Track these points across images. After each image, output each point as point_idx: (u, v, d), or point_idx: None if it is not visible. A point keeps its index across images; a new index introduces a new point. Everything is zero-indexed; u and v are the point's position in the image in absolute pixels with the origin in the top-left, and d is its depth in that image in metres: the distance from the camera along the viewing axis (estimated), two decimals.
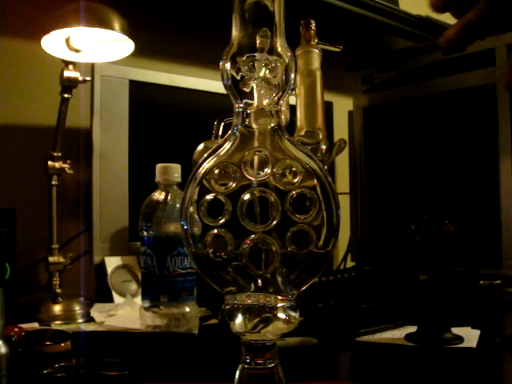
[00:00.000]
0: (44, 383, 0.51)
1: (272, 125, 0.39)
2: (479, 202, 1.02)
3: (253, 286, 0.38)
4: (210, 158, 0.39)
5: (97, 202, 0.97)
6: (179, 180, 0.75)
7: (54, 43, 0.89)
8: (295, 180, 0.38)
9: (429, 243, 0.69)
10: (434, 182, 1.10)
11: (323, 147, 0.74)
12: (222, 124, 0.88)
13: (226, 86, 0.39)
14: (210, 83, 1.10)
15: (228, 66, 0.39)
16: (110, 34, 0.87)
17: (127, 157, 1.01)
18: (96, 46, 0.92)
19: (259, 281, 0.38)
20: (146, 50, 1.11)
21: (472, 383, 0.56)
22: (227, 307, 0.39)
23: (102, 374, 0.52)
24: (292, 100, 0.76)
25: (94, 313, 0.86)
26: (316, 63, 0.76)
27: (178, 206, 0.73)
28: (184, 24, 1.24)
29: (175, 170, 0.75)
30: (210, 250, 0.38)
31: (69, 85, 0.89)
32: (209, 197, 0.38)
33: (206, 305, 0.84)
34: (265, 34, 0.38)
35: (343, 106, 1.34)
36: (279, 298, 0.38)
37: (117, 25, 0.85)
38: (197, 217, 0.38)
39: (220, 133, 0.88)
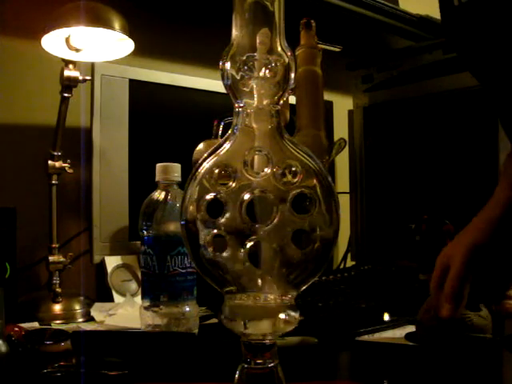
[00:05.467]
0: (44, 383, 0.51)
1: (272, 125, 0.39)
2: (479, 201, 1.02)
3: (253, 285, 0.38)
4: (210, 158, 0.39)
5: (97, 202, 0.97)
6: (179, 179, 0.75)
7: (54, 42, 0.89)
8: (295, 180, 0.38)
9: (429, 243, 0.69)
10: (434, 182, 1.10)
11: (323, 147, 0.74)
12: (222, 124, 0.88)
13: (226, 86, 0.39)
14: (210, 83, 1.10)
15: (228, 65, 0.39)
16: (110, 33, 0.86)
17: (127, 156, 1.01)
18: (96, 46, 0.92)
19: (259, 281, 0.38)
20: (145, 49, 1.11)
21: (472, 383, 0.56)
22: (227, 307, 0.39)
23: (102, 373, 0.52)
24: (292, 100, 0.76)
25: (94, 312, 0.86)
26: (316, 63, 0.76)
27: (178, 205, 0.73)
28: (184, 23, 1.24)
29: (175, 170, 0.75)
30: (210, 250, 0.38)
31: (69, 84, 0.89)
32: (209, 196, 0.38)
33: (206, 304, 0.84)
34: (265, 34, 0.38)
35: (343, 105, 1.34)
36: (279, 297, 0.38)
37: (117, 24, 0.85)
38: (197, 216, 0.38)
39: (220, 133, 0.89)
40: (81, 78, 0.90)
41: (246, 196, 0.37)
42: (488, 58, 0.54)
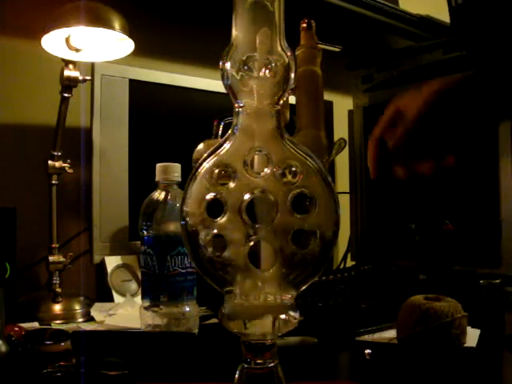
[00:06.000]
0: (44, 383, 0.51)
1: (272, 125, 0.39)
2: (479, 201, 1.02)
3: (253, 285, 0.38)
4: (210, 158, 0.39)
5: (97, 202, 0.97)
6: (179, 179, 0.75)
7: (54, 42, 0.89)
8: (295, 180, 0.38)
9: (429, 243, 0.69)
10: (433, 182, 1.10)
11: (323, 147, 0.74)
12: (222, 124, 0.88)
13: (226, 86, 0.39)
14: (210, 82, 1.10)
15: (228, 65, 0.39)
16: (110, 33, 0.86)
17: (127, 156, 1.01)
18: (96, 46, 0.92)
19: (259, 281, 0.38)
20: (145, 49, 1.11)
21: (472, 383, 0.56)
22: (227, 307, 0.39)
23: (102, 373, 0.52)
24: (292, 100, 0.76)
25: (94, 312, 0.86)
26: (316, 63, 0.76)
27: (178, 205, 0.72)
28: (184, 23, 1.24)
29: (175, 170, 0.75)
30: (210, 250, 0.38)
31: (69, 84, 0.89)
32: (209, 196, 0.38)
33: (206, 304, 0.84)
34: (265, 34, 0.38)
35: (343, 105, 1.34)
36: (279, 297, 0.38)
37: (117, 24, 0.85)
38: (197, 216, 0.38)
39: (220, 133, 0.89)
40: (81, 78, 0.90)
41: (246, 196, 0.37)
42: (490, 55, 0.54)
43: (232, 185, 0.38)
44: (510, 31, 0.50)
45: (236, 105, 0.40)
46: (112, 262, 0.99)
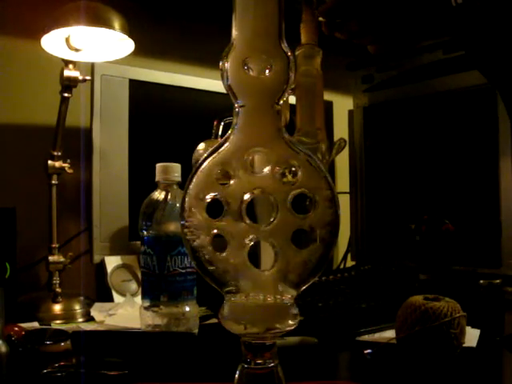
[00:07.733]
0: (44, 383, 0.51)
1: (272, 125, 0.39)
2: (479, 201, 1.02)
3: (253, 285, 0.38)
4: (210, 158, 0.39)
5: (97, 202, 0.97)
6: (179, 179, 0.75)
7: (54, 42, 0.89)
8: (295, 180, 0.38)
9: (429, 243, 0.69)
10: (433, 182, 1.10)
11: (323, 147, 0.74)
12: (222, 124, 0.88)
13: (226, 86, 0.39)
14: (210, 82, 1.10)
15: (228, 65, 0.39)
16: (110, 33, 0.87)
17: (127, 156, 1.01)
18: (96, 46, 0.92)
19: (259, 281, 0.38)
20: (145, 49, 1.11)
21: (472, 383, 0.56)
22: (227, 307, 0.39)
23: (102, 373, 0.52)
24: (292, 100, 0.76)
25: (94, 312, 0.87)
26: (316, 62, 0.76)
27: (178, 205, 0.73)
28: (184, 23, 1.24)
29: (175, 170, 0.75)
30: (210, 250, 0.38)
31: (69, 84, 0.89)
32: (209, 196, 0.38)
33: (206, 304, 0.84)
34: (266, 34, 0.38)
35: (343, 105, 1.34)
36: (279, 297, 0.38)
37: (117, 24, 0.85)
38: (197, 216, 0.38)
39: (220, 133, 0.89)
40: (81, 78, 0.90)
41: (246, 196, 0.37)
42: (492, 56, 0.54)
43: (232, 185, 0.38)
44: (511, 31, 0.50)
45: (236, 105, 0.40)
46: (112, 262, 0.99)
